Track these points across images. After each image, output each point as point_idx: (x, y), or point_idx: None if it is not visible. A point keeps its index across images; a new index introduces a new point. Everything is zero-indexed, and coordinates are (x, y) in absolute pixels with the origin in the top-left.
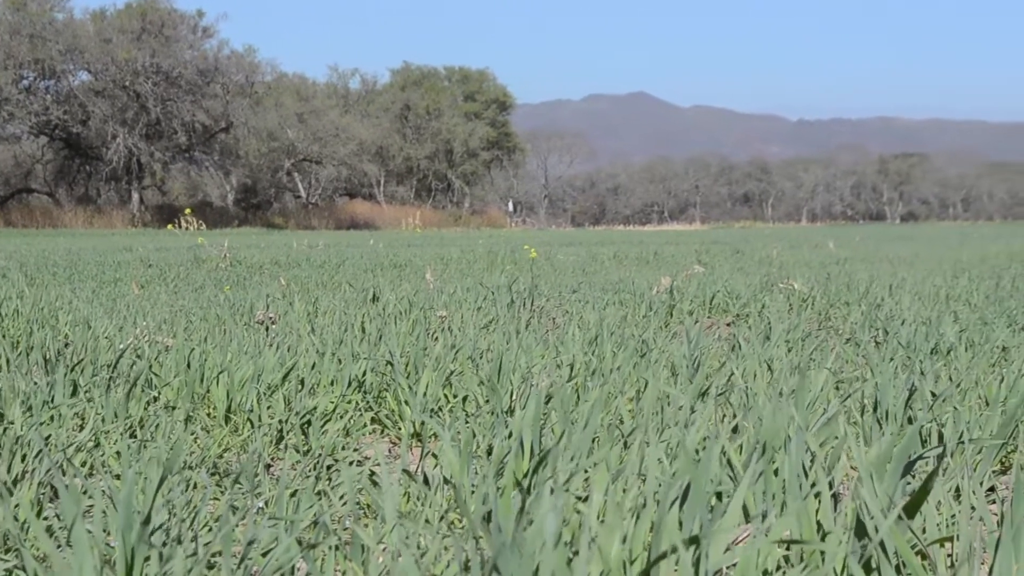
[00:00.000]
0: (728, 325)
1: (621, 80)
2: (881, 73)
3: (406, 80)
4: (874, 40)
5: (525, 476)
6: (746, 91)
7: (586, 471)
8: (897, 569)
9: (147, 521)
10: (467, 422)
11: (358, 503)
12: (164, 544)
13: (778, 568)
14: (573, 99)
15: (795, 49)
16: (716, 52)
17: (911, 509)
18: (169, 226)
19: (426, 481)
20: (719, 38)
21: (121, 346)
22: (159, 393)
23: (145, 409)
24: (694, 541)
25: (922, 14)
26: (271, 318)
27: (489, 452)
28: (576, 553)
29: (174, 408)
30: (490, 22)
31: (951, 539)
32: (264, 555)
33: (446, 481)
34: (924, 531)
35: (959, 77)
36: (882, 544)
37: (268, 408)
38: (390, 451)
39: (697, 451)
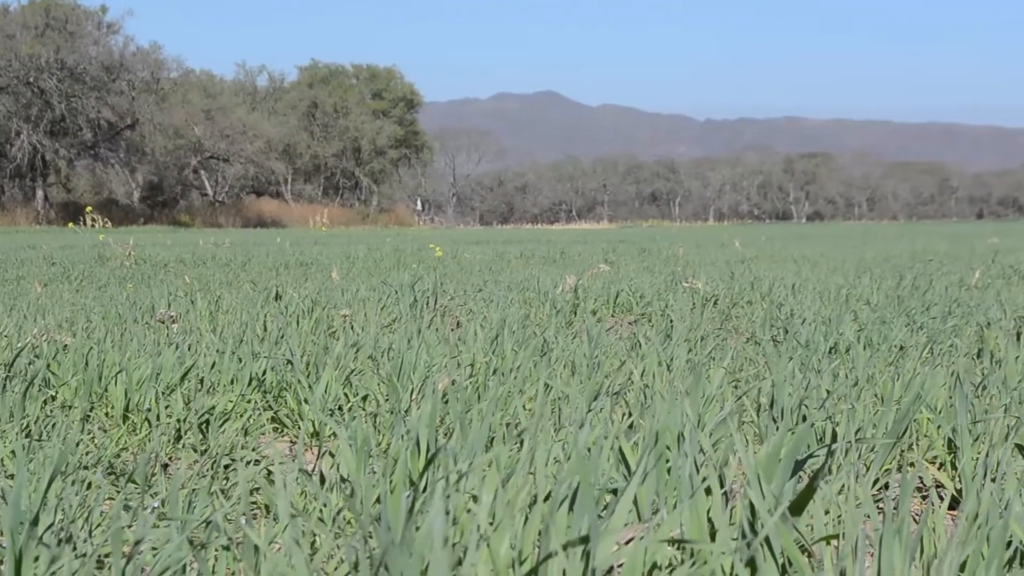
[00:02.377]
0: (631, 324)
1: (529, 79)
2: (787, 73)
3: (313, 78)
4: (780, 41)
5: (421, 475)
6: (654, 91)
7: (484, 470)
8: (783, 568)
9: (35, 521)
10: (366, 421)
11: (255, 503)
12: (58, 543)
13: (669, 566)
14: (481, 98)
15: (703, 49)
16: (625, 51)
17: (798, 507)
18: (71, 224)
19: (322, 480)
20: (628, 37)
21: (19, 345)
22: (56, 392)
23: (42, 408)
24: (583, 540)
25: (826, 15)
26: (172, 317)
27: (388, 451)
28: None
29: (71, 407)
30: (397, 20)
31: (837, 536)
32: (156, 555)
33: (343, 480)
34: (812, 529)
35: (864, 78)
36: (771, 543)
37: (167, 407)
38: (290, 450)
39: (589, 449)
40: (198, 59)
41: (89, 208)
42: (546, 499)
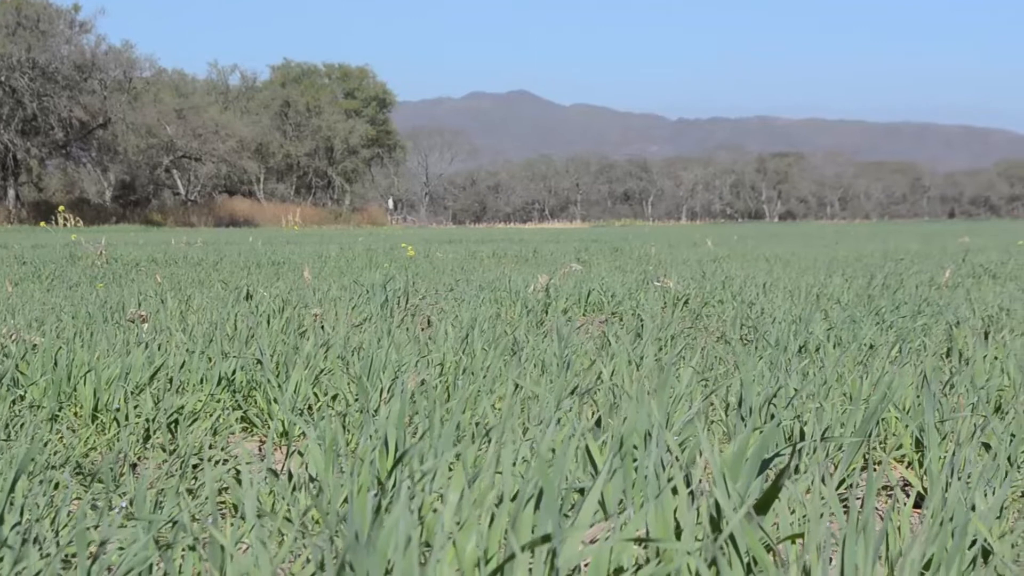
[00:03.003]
0: (602, 323)
1: (502, 78)
2: (759, 73)
3: (286, 77)
4: (752, 40)
5: (388, 475)
6: (627, 90)
7: (450, 469)
8: (748, 567)
9: (0, 520)
10: (335, 420)
11: (224, 502)
12: (23, 543)
13: (636, 565)
14: (454, 97)
15: (675, 48)
16: (597, 51)
17: (763, 506)
18: (42, 223)
19: (291, 480)
20: (600, 36)
21: None
22: (25, 392)
23: (10, 408)
24: (545, 540)
25: (799, 14)
26: (143, 316)
27: (357, 450)
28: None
29: (40, 407)
30: (369, 19)
31: (802, 535)
32: (122, 555)
33: (312, 480)
34: (778, 528)
35: (837, 77)
36: (736, 542)
37: (136, 407)
38: (259, 450)
39: (554, 450)
40: (170, 58)
41: (61, 207)
42: (513, 499)
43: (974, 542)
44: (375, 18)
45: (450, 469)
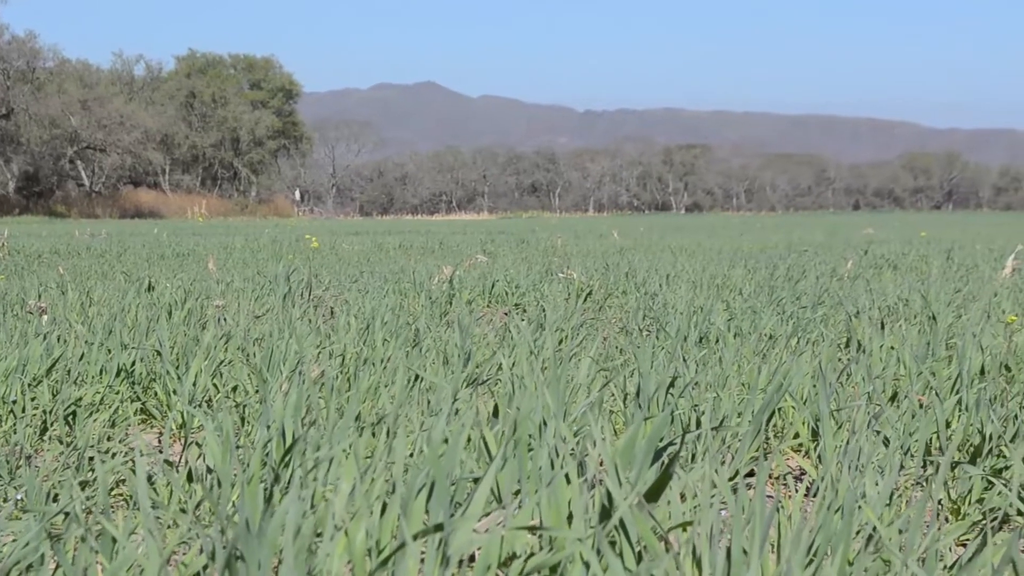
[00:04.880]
0: (506, 314)
1: (410, 69)
2: (666, 65)
3: (191, 67)
4: (659, 32)
5: (280, 464)
6: (534, 81)
7: (343, 459)
8: (639, 555)
9: None
10: (235, 411)
11: (121, 494)
12: None
13: (530, 552)
14: (361, 88)
15: (582, 40)
16: (505, 42)
17: (653, 494)
18: None
19: (189, 472)
20: (508, 28)
21: None
22: None
23: None
24: (437, 529)
25: (705, 7)
26: (42, 308)
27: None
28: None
29: None
30: (275, 9)
31: (691, 523)
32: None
33: (210, 471)
34: (671, 517)
35: (743, 70)
36: (627, 529)
37: (33, 399)
38: (158, 441)
39: (448, 440)
40: (75, 48)
41: None
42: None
43: (862, 529)
44: (281, 8)
45: (342, 459)
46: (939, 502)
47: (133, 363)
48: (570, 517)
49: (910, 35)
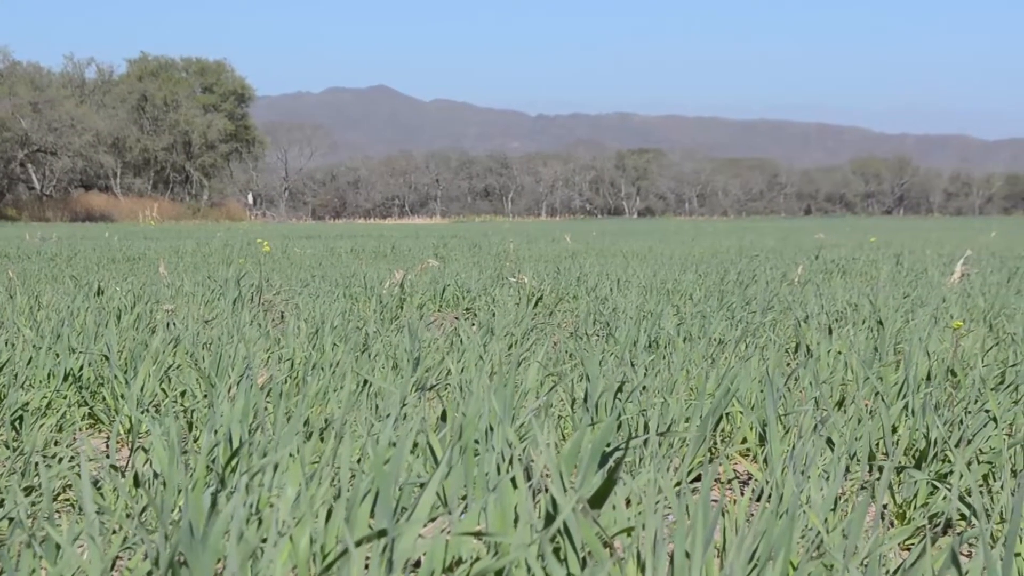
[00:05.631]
0: (456, 319)
1: (362, 73)
2: (618, 70)
3: (143, 71)
4: (612, 36)
5: (225, 469)
6: (488, 86)
7: (288, 464)
8: (584, 560)
9: None
10: (183, 416)
11: (67, 500)
12: None
13: (476, 557)
14: (314, 91)
15: (535, 44)
16: (458, 46)
17: (598, 500)
18: None
19: (136, 477)
20: (461, 32)
21: None
22: None
23: None
24: (380, 534)
25: (657, 12)
26: None
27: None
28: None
29: None
30: (227, 13)
31: (637, 528)
32: None
33: (157, 476)
34: (616, 523)
35: (695, 75)
36: (572, 535)
37: None
38: (106, 446)
39: (395, 444)
40: (25, 51)
41: None
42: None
43: (807, 534)
44: (233, 11)
45: (288, 465)
46: (885, 507)
47: (81, 368)
48: (518, 522)
49: (860, 40)
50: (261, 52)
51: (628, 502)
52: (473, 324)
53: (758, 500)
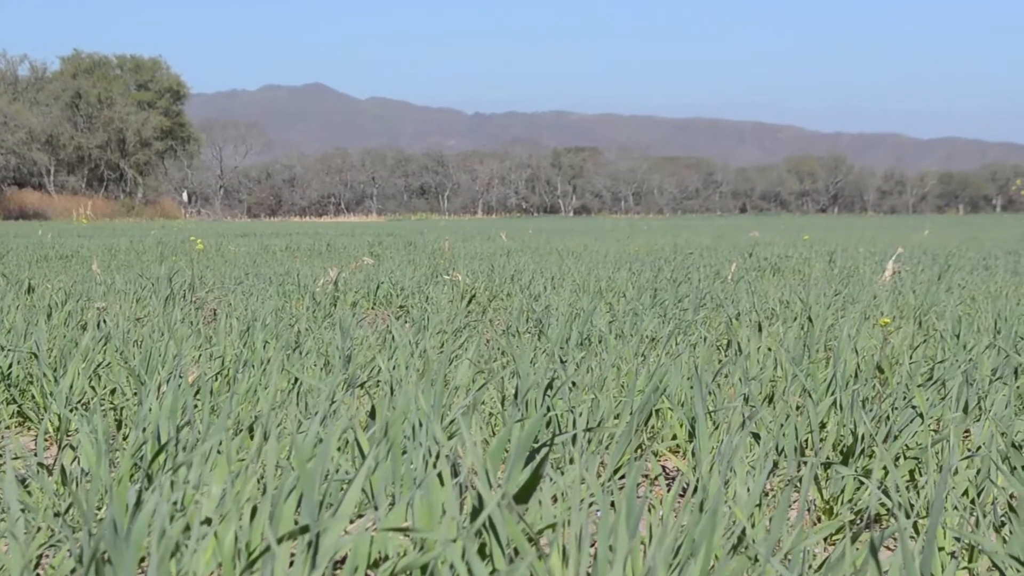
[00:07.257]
0: (390, 317)
1: (298, 71)
2: (554, 68)
3: (77, 68)
4: (547, 34)
5: (150, 466)
6: (424, 84)
7: (214, 462)
8: (511, 557)
9: None
10: (112, 414)
11: None
12: None
13: (403, 553)
14: (249, 89)
15: (471, 42)
16: (394, 44)
17: (524, 495)
18: None
19: (64, 475)
20: (397, 30)
21: None
22: None
23: None
24: (303, 531)
25: (591, 10)
26: None
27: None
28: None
29: None
30: (162, 9)
31: (565, 524)
32: None
33: (85, 474)
34: (542, 519)
35: (629, 73)
36: (498, 531)
37: None
38: (35, 444)
39: (321, 441)
40: None
41: None
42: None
43: (733, 529)
44: (168, 8)
45: (214, 462)
46: (812, 502)
47: (11, 365)
48: (443, 518)
49: (793, 40)
50: (196, 49)
51: (555, 499)
52: (406, 322)
53: (684, 495)
